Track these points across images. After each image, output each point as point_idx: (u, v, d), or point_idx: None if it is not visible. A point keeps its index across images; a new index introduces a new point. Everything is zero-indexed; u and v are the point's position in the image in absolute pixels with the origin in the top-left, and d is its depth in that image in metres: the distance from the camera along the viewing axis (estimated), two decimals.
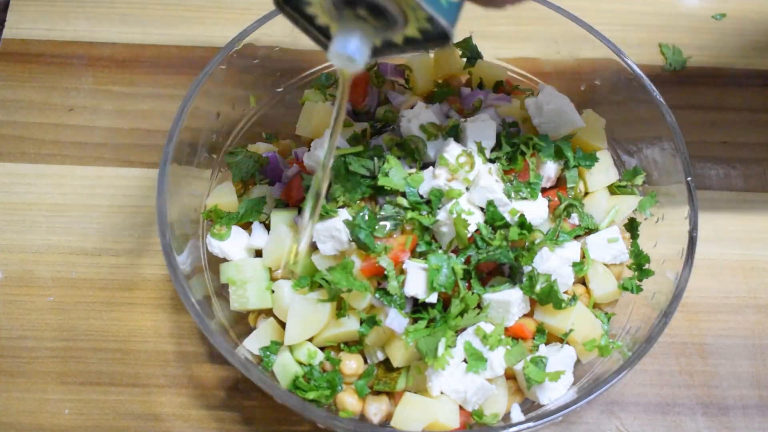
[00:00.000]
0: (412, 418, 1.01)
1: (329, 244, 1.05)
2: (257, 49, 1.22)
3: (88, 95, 1.44)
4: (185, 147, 1.13)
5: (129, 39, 1.50)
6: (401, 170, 1.08)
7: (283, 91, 1.31)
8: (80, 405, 1.18)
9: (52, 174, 1.36)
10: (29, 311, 1.24)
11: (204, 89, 1.14)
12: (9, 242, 1.30)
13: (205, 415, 1.18)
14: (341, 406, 1.06)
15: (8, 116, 1.41)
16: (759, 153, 1.42)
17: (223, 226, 1.14)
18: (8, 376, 1.20)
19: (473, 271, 1.05)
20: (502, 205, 1.07)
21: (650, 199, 1.17)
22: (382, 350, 1.08)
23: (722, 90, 1.48)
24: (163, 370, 1.21)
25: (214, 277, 1.14)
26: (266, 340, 1.10)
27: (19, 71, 1.46)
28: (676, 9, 1.57)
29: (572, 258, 1.10)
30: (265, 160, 1.20)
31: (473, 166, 1.07)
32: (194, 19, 1.53)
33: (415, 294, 1.01)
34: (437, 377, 1.02)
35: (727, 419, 1.20)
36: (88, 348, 1.22)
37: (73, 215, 1.33)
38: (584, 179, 1.17)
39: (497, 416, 1.04)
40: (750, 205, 1.38)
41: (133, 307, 1.25)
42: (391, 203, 1.07)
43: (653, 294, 1.10)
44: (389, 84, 1.31)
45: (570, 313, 1.06)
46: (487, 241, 1.05)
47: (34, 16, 1.51)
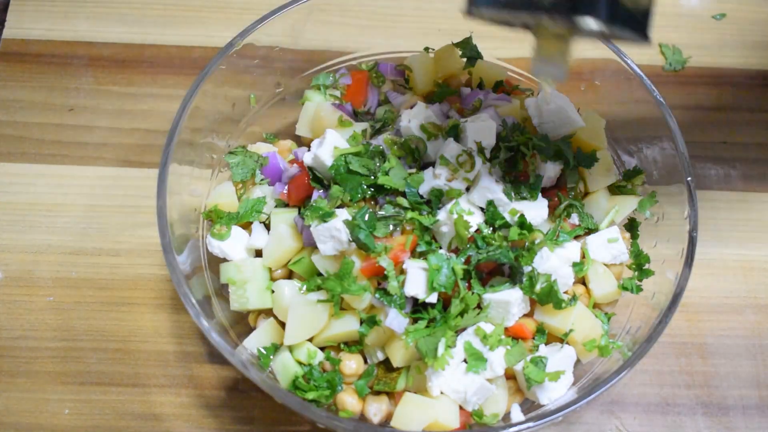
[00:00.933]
0: (412, 418, 1.01)
1: (329, 244, 1.05)
2: (257, 49, 1.22)
3: (88, 95, 1.44)
4: (185, 147, 1.13)
5: (129, 39, 1.50)
6: (401, 170, 1.08)
7: (283, 91, 1.31)
8: (80, 405, 1.18)
9: (52, 174, 1.36)
10: (29, 311, 1.25)
11: (204, 89, 1.14)
12: (9, 242, 1.30)
13: (205, 415, 1.18)
14: (341, 406, 1.06)
15: (8, 116, 1.41)
16: (759, 153, 1.42)
17: (223, 226, 1.14)
18: (8, 376, 1.20)
19: (473, 271, 1.05)
20: (502, 205, 1.07)
21: (650, 199, 1.17)
22: (382, 350, 1.08)
23: (722, 90, 1.48)
24: (163, 370, 1.21)
25: (214, 277, 1.14)
26: (266, 340, 1.10)
27: (19, 71, 1.46)
28: (676, 9, 1.57)
29: (572, 258, 1.10)
30: (265, 160, 1.20)
31: (473, 166, 1.07)
32: (194, 19, 1.53)
33: (415, 294, 1.01)
34: (437, 377, 1.02)
35: (727, 419, 1.20)
36: (88, 348, 1.22)
37: (73, 215, 1.33)
38: (584, 179, 1.17)
39: (497, 416, 1.04)
40: (750, 205, 1.38)
41: (133, 307, 1.25)
42: (391, 203, 1.07)
43: (653, 294, 1.10)
44: (389, 84, 1.31)
45: (570, 313, 1.06)
46: (487, 241, 1.05)
47: (34, 16, 1.51)
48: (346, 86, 1.29)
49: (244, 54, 1.20)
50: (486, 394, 1.04)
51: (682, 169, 1.11)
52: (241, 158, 1.20)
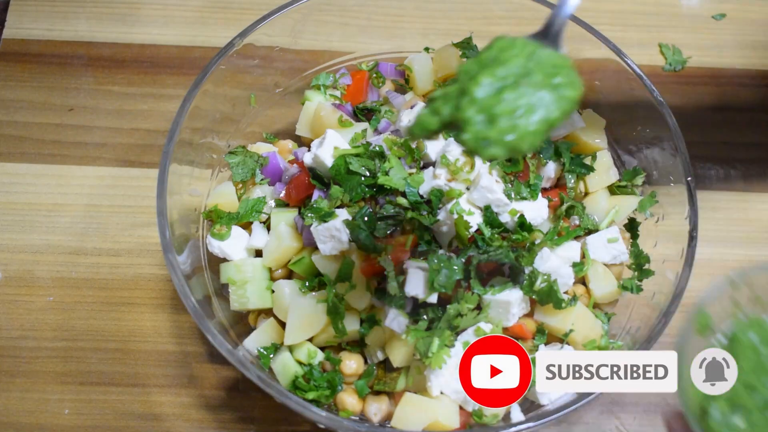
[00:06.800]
0: (412, 418, 1.01)
1: (329, 244, 1.05)
2: (257, 49, 1.22)
3: (88, 95, 1.44)
4: (185, 147, 1.13)
5: (129, 39, 1.50)
6: (401, 170, 1.08)
7: (283, 91, 1.31)
8: (80, 405, 1.18)
9: (52, 174, 1.36)
10: (29, 311, 1.24)
11: (204, 89, 1.14)
12: (9, 242, 1.30)
13: (205, 415, 1.18)
14: (341, 406, 1.06)
15: (8, 116, 1.41)
16: (759, 153, 1.42)
17: (223, 226, 1.14)
18: (8, 376, 1.20)
19: (473, 271, 1.05)
20: (502, 205, 1.07)
21: (650, 199, 1.17)
22: (382, 350, 1.08)
23: (722, 90, 1.48)
24: (163, 370, 1.21)
25: (214, 277, 1.14)
26: (266, 340, 1.10)
27: (19, 71, 1.46)
28: (676, 9, 1.57)
29: (572, 258, 1.10)
30: (265, 160, 1.20)
31: (473, 167, 1.07)
32: (194, 19, 1.53)
33: (415, 294, 1.01)
34: (437, 377, 1.02)
35: None
36: (88, 348, 1.22)
37: (73, 215, 1.33)
38: (584, 179, 1.17)
39: (497, 416, 1.04)
40: (750, 205, 1.38)
41: (133, 307, 1.25)
42: (391, 203, 1.07)
43: (653, 294, 1.10)
44: (389, 84, 1.31)
45: (570, 313, 1.06)
46: (487, 242, 1.05)
47: (34, 16, 1.51)
48: (346, 86, 1.29)
49: (244, 54, 1.20)
50: None
51: (682, 169, 1.11)
52: (241, 158, 1.20)
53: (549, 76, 0.77)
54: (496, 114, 0.75)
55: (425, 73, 1.28)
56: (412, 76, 1.28)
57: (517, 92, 0.75)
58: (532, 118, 0.75)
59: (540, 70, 0.77)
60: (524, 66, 0.77)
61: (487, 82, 0.76)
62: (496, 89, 0.76)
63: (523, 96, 0.75)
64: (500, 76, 0.76)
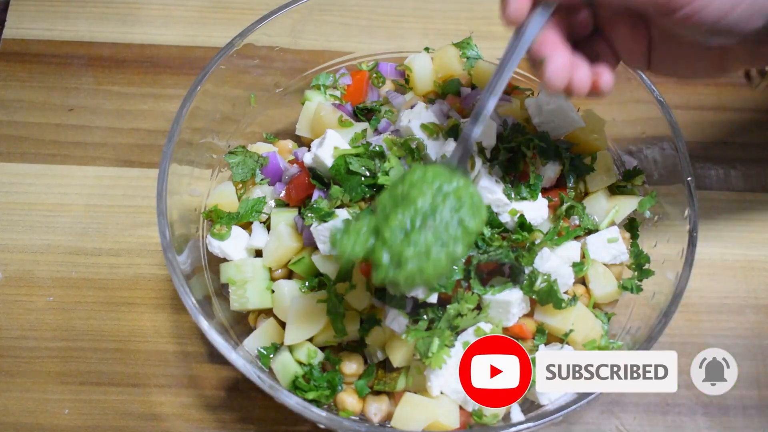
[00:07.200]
0: (412, 418, 1.01)
1: (329, 244, 1.05)
2: (257, 49, 1.22)
3: (88, 95, 1.44)
4: (185, 147, 1.13)
5: (129, 39, 1.50)
6: (401, 170, 1.08)
7: (283, 91, 1.31)
8: (80, 405, 1.18)
9: (52, 174, 1.36)
10: (29, 311, 1.24)
11: (204, 89, 1.14)
12: (9, 242, 1.30)
13: (205, 415, 1.18)
14: (341, 406, 1.07)
15: (8, 116, 1.41)
16: (759, 153, 1.42)
17: (223, 226, 1.14)
18: (8, 376, 1.20)
19: (473, 271, 1.05)
20: (502, 205, 1.07)
21: (650, 199, 1.17)
22: (382, 350, 1.08)
23: (722, 90, 1.48)
24: (163, 370, 1.21)
25: (214, 277, 1.14)
26: (266, 340, 1.10)
27: (19, 71, 1.46)
28: None
29: (572, 258, 1.10)
30: (265, 160, 1.20)
31: (473, 167, 1.07)
32: (194, 19, 1.53)
33: (415, 294, 1.01)
34: (437, 377, 1.02)
35: (727, 419, 1.20)
36: (88, 348, 1.22)
37: (73, 215, 1.33)
38: (584, 179, 1.17)
39: (497, 416, 1.04)
40: (750, 205, 1.38)
41: (133, 307, 1.25)
42: None
43: (653, 294, 1.10)
44: (389, 84, 1.31)
45: (570, 313, 1.06)
46: (487, 242, 1.05)
47: (34, 16, 1.51)
48: (346, 86, 1.29)
49: (244, 54, 1.20)
50: None
51: (682, 169, 1.11)
52: (241, 158, 1.20)
53: (454, 210, 0.86)
54: (405, 258, 0.84)
55: (425, 73, 1.28)
56: (412, 76, 1.28)
57: (424, 234, 0.85)
58: (438, 259, 0.85)
59: (446, 204, 0.86)
60: (432, 203, 0.86)
61: (397, 225, 0.85)
62: (405, 232, 0.85)
63: (430, 238, 0.85)
64: (410, 215, 0.85)
